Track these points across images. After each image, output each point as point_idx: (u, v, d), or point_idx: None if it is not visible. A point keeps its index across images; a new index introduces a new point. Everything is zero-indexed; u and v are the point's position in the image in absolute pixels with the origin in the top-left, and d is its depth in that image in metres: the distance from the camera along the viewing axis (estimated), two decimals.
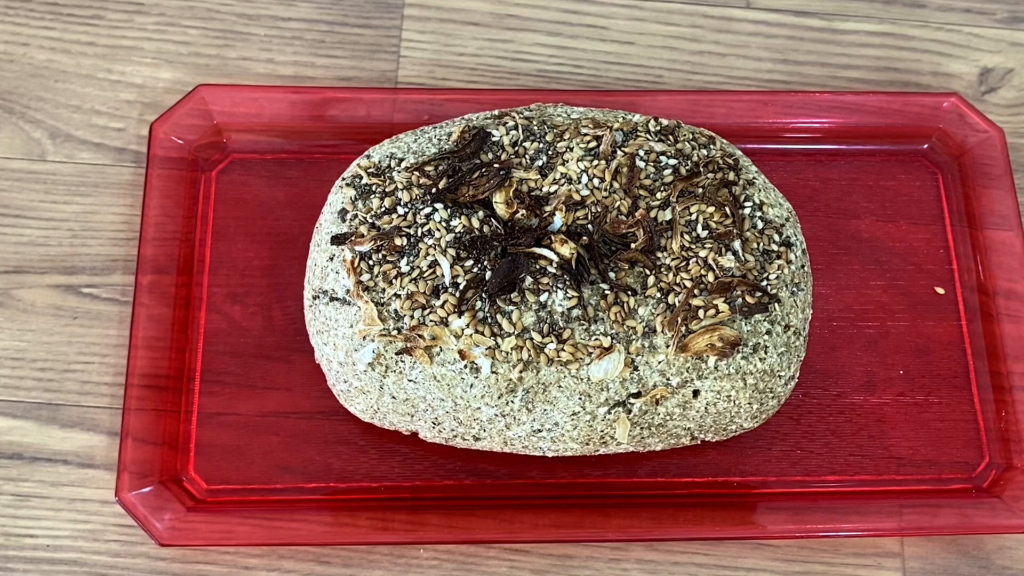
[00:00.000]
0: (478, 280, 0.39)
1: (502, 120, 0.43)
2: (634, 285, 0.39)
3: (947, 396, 0.46)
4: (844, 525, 0.43)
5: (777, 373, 0.40)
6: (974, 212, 0.49)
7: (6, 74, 0.51)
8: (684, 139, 0.42)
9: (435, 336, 0.38)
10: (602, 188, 0.40)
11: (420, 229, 0.40)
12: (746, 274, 0.40)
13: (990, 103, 0.53)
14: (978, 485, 0.45)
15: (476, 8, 0.54)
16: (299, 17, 0.54)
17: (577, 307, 0.39)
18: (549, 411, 0.39)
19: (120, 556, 0.43)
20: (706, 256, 0.39)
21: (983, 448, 0.45)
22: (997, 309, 0.47)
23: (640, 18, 0.54)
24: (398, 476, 0.44)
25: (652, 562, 0.43)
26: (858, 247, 0.49)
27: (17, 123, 0.50)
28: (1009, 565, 0.44)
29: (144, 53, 0.52)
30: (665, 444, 0.42)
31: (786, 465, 0.45)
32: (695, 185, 0.41)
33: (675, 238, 0.40)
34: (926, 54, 0.54)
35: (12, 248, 0.48)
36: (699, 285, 0.39)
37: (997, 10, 0.55)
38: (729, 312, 0.39)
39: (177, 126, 0.48)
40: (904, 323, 0.48)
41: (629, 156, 0.41)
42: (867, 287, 0.48)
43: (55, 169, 0.50)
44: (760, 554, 0.44)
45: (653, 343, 0.39)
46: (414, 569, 0.43)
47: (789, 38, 0.54)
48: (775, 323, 0.40)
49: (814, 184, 0.50)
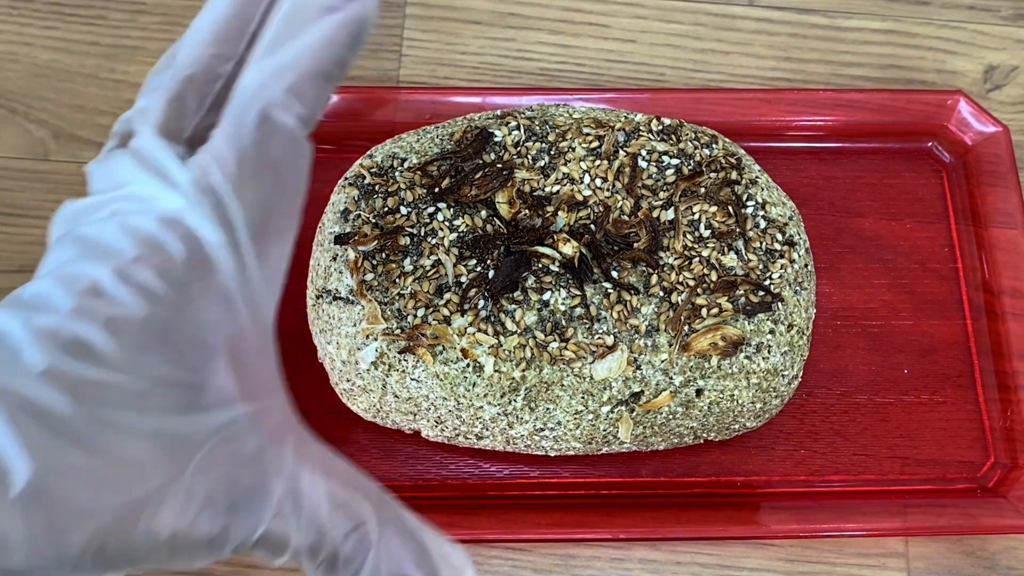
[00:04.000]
0: (481, 279, 0.39)
1: (504, 120, 0.43)
2: (637, 284, 0.39)
3: (952, 395, 0.46)
4: (848, 525, 0.43)
5: (780, 372, 0.40)
6: (979, 210, 0.49)
7: (9, 74, 0.51)
8: (686, 138, 0.42)
9: (438, 335, 0.38)
10: (604, 188, 0.40)
11: (423, 228, 0.40)
12: (749, 273, 0.40)
13: (995, 100, 0.53)
14: (983, 485, 0.44)
15: (478, 7, 0.54)
16: None
17: (580, 306, 0.39)
18: (552, 410, 0.39)
19: None
20: (709, 255, 0.39)
21: (988, 448, 0.45)
22: (1002, 308, 0.47)
23: (642, 16, 0.54)
24: (400, 475, 0.44)
25: (655, 562, 0.43)
26: (862, 245, 0.49)
27: (21, 123, 0.51)
28: (1015, 566, 0.44)
29: (147, 53, 0.52)
30: (668, 443, 0.42)
31: (790, 465, 0.45)
32: (697, 185, 0.41)
33: (677, 238, 0.40)
34: (930, 51, 0.54)
35: (16, 247, 0.48)
36: (702, 284, 0.39)
37: (1002, 7, 0.55)
38: (732, 311, 0.39)
39: None
40: (908, 322, 0.47)
41: (631, 156, 0.41)
42: (871, 286, 0.48)
43: (59, 169, 0.50)
44: (763, 554, 0.44)
45: (656, 342, 0.39)
46: None
47: (792, 35, 0.54)
48: (778, 322, 0.40)
49: (817, 182, 0.50)
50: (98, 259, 0.25)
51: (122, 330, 0.24)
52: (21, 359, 0.23)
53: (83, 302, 0.24)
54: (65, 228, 0.27)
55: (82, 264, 0.25)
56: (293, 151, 0.28)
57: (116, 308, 0.24)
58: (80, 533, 0.23)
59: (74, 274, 0.25)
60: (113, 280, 0.25)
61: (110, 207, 0.27)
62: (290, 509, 0.27)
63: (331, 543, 0.27)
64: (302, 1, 0.28)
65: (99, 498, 0.23)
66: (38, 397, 0.23)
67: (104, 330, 0.24)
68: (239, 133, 0.27)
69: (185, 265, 0.25)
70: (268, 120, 0.27)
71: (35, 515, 0.22)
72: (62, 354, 0.23)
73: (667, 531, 0.42)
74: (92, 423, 0.23)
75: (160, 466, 0.24)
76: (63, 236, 0.27)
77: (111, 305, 0.24)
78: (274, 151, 0.27)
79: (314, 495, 0.27)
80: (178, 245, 0.26)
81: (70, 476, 0.23)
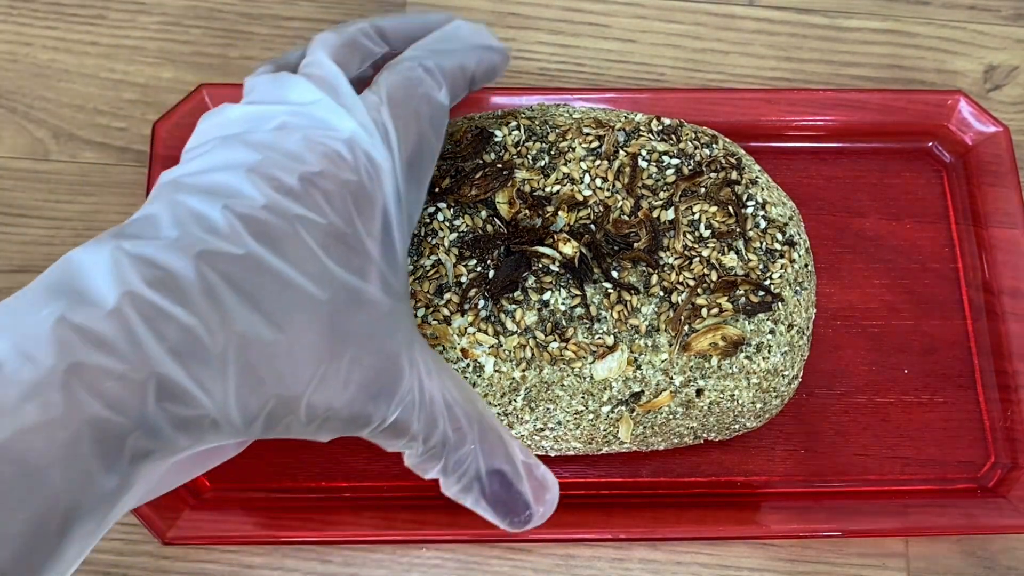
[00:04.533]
0: (481, 279, 0.39)
1: (504, 120, 0.43)
2: (637, 284, 0.39)
3: (952, 395, 0.46)
4: (848, 525, 0.43)
5: (781, 372, 0.40)
6: (979, 210, 0.49)
7: (9, 74, 0.51)
8: (686, 138, 0.42)
9: (438, 335, 0.38)
10: (604, 188, 0.40)
11: (423, 228, 0.40)
12: (749, 273, 0.40)
13: (995, 100, 0.53)
14: (983, 485, 0.44)
15: (477, 7, 0.54)
16: (301, 16, 0.54)
17: (580, 306, 0.39)
18: (552, 410, 0.39)
19: (123, 555, 0.43)
20: (709, 255, 0.39)
21: (988, 448, 0.45)
22: (1003, 308, 0.47)
23: (642, 16, 0.54)
24: (400, 475, 0.43)
25: (655, 562, 0.43)
26: (862, 245, 0.49)
27: (20, 123, 0.51)
28: (1015, 566, 0.44)
29: (147, 52, 0.52)
30: (668, 443, 0.42)
31: (790, 464, 0.45)
32: (697, 185, 0.41)
33: (678, 238, 0.40)
34: (930, 51, 0.54)
35: (16, 248, 0.48)
36: (702, 284, 0.39)
37: (1002, 7, 0.55)
38: (732, 311, 0.39)
39: (180, 125, 0.48)
40: (909, 322, 0.47)
41: (631, 156, 0.41)
42: (871, 285, 0.48)
43: (58, 168, 0.50)
44: (763, 554, 0.44)
45: (656, 342, 0.39)
46: (416, 568, 0.43)
47: (792, 35, 0.54)
48: (779, 322, 0.40)
49: (818, 182, 0.50)
50: (283, 166, 0.29)
51: (309, 230, 0.28)
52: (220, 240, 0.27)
53: (277, 199, 0.28)
54: (227, 131, 0.31)
55: (270, 168, 0.29)
56: (437, 115, 0.33)
57: (304, 211, 0.28)
58: (259, 398, 0.26)
59: (268, 175, 0.28)
60: (302, 185, 0.28)
61: (279, 119, 0.30)
62: (415, 401, 0.31)
63: (440, 434, 0.32)
64: (460, 28, 0.36)
65: (277, 371, 0.27)
66: (243, 277, 0.27)
67: (295, 226, 0.28)
68: (404, 84, 0.32)
69: (359, 182, 0.29)
70: (424, 82, 0.33)
71: (230, 376, 0.26)
72: (259, 243, 0.27)
73: (667, 531, 0.42)
74: (280, 307, 0.27)
75: (325, 352, 0.28)
76: (231, 137, 0.30)
77: (301, 207, 0.28)
78: (424, 109, 0.32)
79: (432, 391, 0.32)
80: (357, 164, 0.30)
81: (258, 349, 0.26)
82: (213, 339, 0.26)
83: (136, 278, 0.25)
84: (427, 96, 0.33)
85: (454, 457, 0.32)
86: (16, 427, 0.23)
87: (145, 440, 0.25)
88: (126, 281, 0.25)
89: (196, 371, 0.25)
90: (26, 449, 0.23)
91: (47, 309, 0.25)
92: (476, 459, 0.33)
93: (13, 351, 0.24)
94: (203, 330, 0.25)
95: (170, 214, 0.27)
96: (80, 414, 0.23)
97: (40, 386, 0.23)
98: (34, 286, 0.26)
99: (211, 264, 0.26)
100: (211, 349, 0.25)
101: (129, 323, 0.25)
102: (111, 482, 0.24)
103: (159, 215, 0.28)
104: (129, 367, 0.24)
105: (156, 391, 0.25)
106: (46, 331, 0.24)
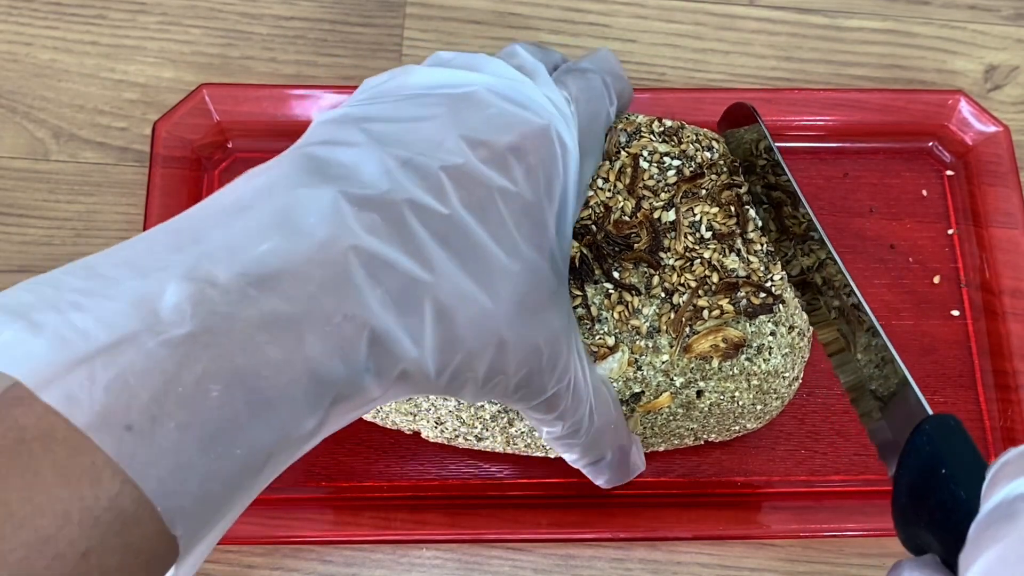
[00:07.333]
0: None
1: None
2: (638, 285, 0.39)
3: (952, 395, 0.46)
4: (848, 525, 0.43)
5: (781, 374, 0.40)
6: (979, 210, 0.49)
7: (9, 74, 0.51)
8: (688, 140, 0.42)
9: None
10: (606, 188, 0.40)
11: None
12: (750, 275, 0.40)
13: (995, 100, 0.53)
14: None
15: (478, 7, 0.54)
16: (301, 16, 0.54)
17: (581, 306, 0.39)
18: None
19: None
20: (710, 257, 0.39)
21: (988, 448, 0.45)
22: (1002, 308, 0.47)
23: (642, 16, 0.54)
24: (400, 475, 0.44)
25: (655, 562, 0.43)
26: (862, 245, 0.49)
27: (21, 122, 0.50)
28: None
29: (147, 52, 0.52)
30: (668, 444, 0.42)
31: (790, 465, 0.45)
32: (699, 186, 0.41)
33: (679, 239, 0.40)
34: (931, 51, 0.54)
35: (16, 247, 0.48)
36: (703, 285, 0.39)
37: (1002, 7, 0.55)
38: (733, 313, 0.39)
39: (180, 125, 0.48)
40: (909, 322, 0.47)
41: (632, 156, 0.41)
42: (871, 286, 0.48)
43: (58, 168, 0.50)
44: (764, 554, 0.44)
45: (657, 343, 0.39)
46: (416, 568, 0.43)
47: (792, 35, 0.54)
48: (779, 324, 0.40)
49: (818, 182, 0.50)
50: (487, 133, 0.30)
51: (506, 201, 0.29)
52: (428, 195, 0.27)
53: (476, 164, 0.29)
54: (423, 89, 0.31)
55: (474, 132, 0.30)
56: (605, 127, 0.37)
57: (505, 182, 0.29)
58: (454, 354, 0.27)
59: (473, 139, 0.29)
60: (505, 156, 0.30)
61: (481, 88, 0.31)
62: (570, 380, 0.32)
63: (580, 414, 0.34)
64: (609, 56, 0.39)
65: (476, 331, 0.28)
66: (451, 236, 0.27)
67: (493, 195, 0.29)
68: (588, 90, 0.35)
69: (553, 162, 0.31)
70: (604, 96, 0.36)
71: (435, 329, 0.27)
72: (463, 207, 0.28)
73: (667, 531, 0.42)
74: (484, 271, 0.28)
75: (510, 324, 0.29)
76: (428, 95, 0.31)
77: (503, 178, 0.29)
78: (602, 119, 0.36)
79: (581, 372, 0.33)
80: (553, 145, 0.31)
81: (464, 308, 0.27)
82: (426, 291, 0.26)
83: (357, 226, 0.26)
84: (605, 109, 0.36)
85: (588, 435, 0.34)
86: (257, 360, 0.23)
87: (348, 386, 0.25)
88: (346, 226, 0.25)
89: (408, 321, 0.26)
90: (264, 384, 0.23)
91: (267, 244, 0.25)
92: (607, 437, 0.36)
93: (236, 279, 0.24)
94: (417, 281, 0.26)
95: (378, 162, 0.27)
96: (303, 359, 0.24)
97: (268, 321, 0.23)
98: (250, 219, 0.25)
99: (422, 219, 0.27)
100: (423, 300, 0.26)
101: (348, 269, 0.25)
102: (311, 423, 0.24)
103: (363, 162, 0.27)
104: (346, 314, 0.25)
105: (369, 338, 0.25)
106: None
